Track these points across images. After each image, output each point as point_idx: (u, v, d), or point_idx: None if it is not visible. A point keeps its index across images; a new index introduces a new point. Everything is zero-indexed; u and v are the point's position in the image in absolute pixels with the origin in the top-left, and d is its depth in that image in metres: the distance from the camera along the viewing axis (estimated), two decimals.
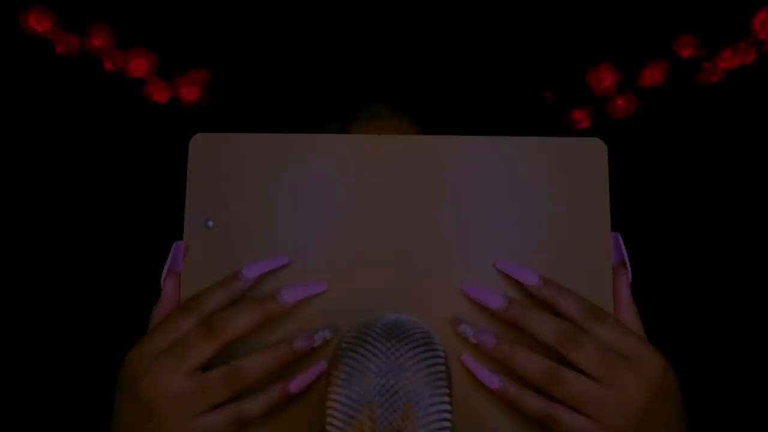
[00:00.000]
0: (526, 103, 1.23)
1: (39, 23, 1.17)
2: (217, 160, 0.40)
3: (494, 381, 0.37)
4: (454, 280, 0.39)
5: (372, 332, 0.34)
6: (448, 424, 0.32)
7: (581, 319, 0.36)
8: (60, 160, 1.18)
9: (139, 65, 1.20)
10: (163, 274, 0.39)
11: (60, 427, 1.09)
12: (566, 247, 0.40)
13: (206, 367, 0.36)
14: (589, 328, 0.36)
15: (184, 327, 0.36)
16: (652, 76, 1.22)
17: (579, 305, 0.37)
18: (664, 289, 1.12)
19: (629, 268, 0.39)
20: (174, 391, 0.35)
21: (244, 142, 0.41)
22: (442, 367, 0.34)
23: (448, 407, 0.32)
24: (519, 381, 0.37)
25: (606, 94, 1.23)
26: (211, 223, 0.40)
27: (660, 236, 1.18)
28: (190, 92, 1.21)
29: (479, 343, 0.37)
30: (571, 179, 0.40)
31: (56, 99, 1.18)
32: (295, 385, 0.37)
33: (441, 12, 1.20)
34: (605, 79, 1.22)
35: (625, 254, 0.39)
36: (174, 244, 0.40)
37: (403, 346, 0.33)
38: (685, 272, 1.19)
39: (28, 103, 1.17)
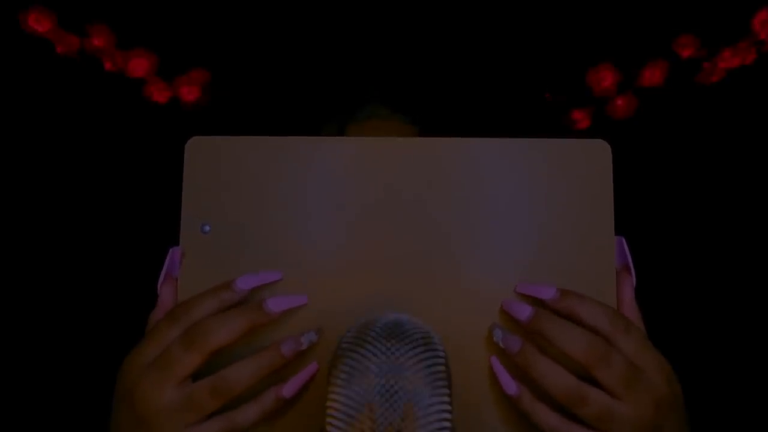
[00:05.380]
0: (526, 103, 1.23)
1: (39, 23, 1.17)
2: (213, 163, 0.40)
3: (512, 387, 0.37)
4: (454, 280, 0.39)
5: (372, 332, 0.34)
6: (448, 424, 0.32)
7: (609, 331, 0.35)
8: (60, 160, 1.18)
9: (139, 65, 1.20)
10: (160, 280, 0.39)
11: (60, 429, 1.09)
12: (570, 250, 0.39)
13: (199, 374, 0.35)
14: (617, 341, 0.35)
15: (169, 337, 0.35)
16: (652, 76, 1.22)
17: (605, 315, 0.36)
18: (664, 289, 1.11)
19: (633, 273, 0.39)
20: (164, 404, 0.34)
21: (242, 145, 0.40)
22: (442, 367, 0.33)
23: (448, 407, 0.32)
24: (536, 391, 0.36)
25: (606, 94, 1.23)
26: (207, 228, 0.39)
27: (659, 236, 1.18)
28: (190, 92, 1.21)
29: (504, 346, 0.37)
30: (574, 181, 0.40)
31: (56, 99, 1.18)
32: (288, 389, 0.37)
33: (440, 12, 1.20)
34: (605, 79, 1.22)
35: (629, 258, 0.39)
36: (170, 249, 0.39)
37: (403, 346, 0.33)
38: (685, 272, 1.18)
39: (28, 103, 1.17)
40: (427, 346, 0.34)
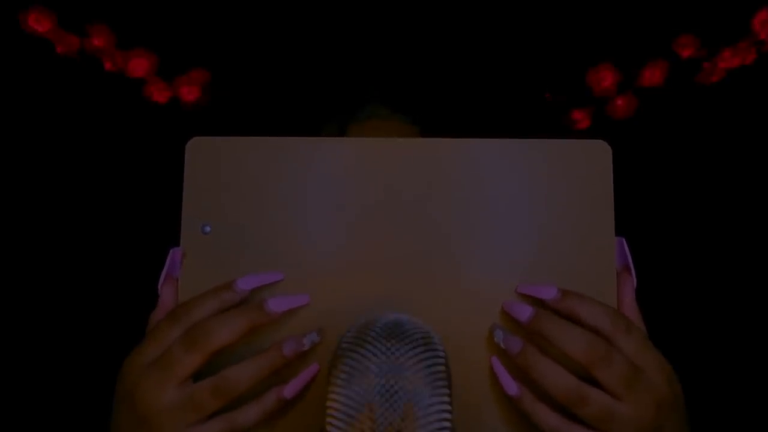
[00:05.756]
0: (526, 103, 1.23)
1: (39, 23, 1.17)
2: (214, 164, 0.40)
3: (513, 387, 0.37)
4: (455, 281, 0.39)
5: (372, 332, 0.34)
6: (448, 424, 0.32)
7: (610, 331, 0.36)
8: (60, 160, 1.18)
9: (139, 65, 1.20)
10: (161, 280, 0.39)
11: (60, 429, 1.09)
12: (570, 251, 0.39)
13: (199, 375, 0.36)
14: (617, 341, 0.35)
15: (170, 338, 0.35)
16: (652, 76, 1.22)
17: (606, 315, 0.36)
18: (665, 290, 1.11)
19: (634, 274, 0.39)
20: (165, 404, 0.34)
21: (242, 146, 0.40)
22: (442, 367, 0.34)
23: (448, 407, 0.32)
24: (537, 391, 0.36)
25: (606, 94, 1.23)
26: (208, 229, 0.40)
27: (660, 236, 1.18)
28: (190, 92, 1.21)
29: (505, 347, 0.37)
30: (575, 181, 0.40)
31: (56, 99, 1.18)
32: (289, 390, 0.37)
33: (440, 12, 1.20)
34: (605, 79, 1.22)
35: (630, 259, 0.39)
36: (171, 250, 0.39)
37: (403, 346, 0.33)
38: (685, 273, 1.18)
39: (28, 103, 1.17)
40: (427, 346, 0.34)
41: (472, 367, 0.39)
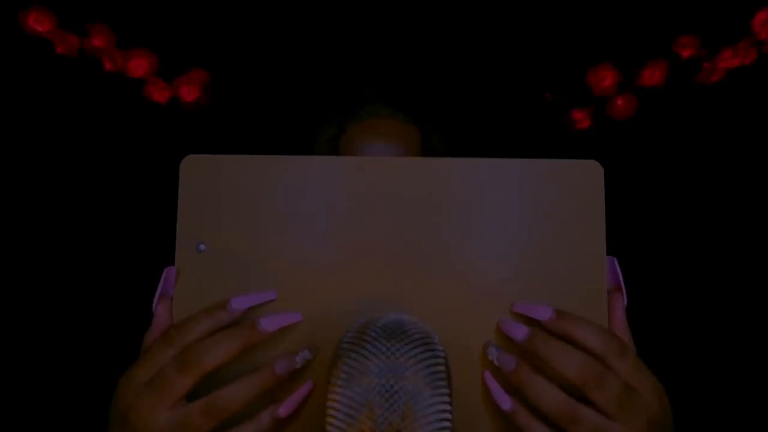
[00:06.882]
0: (526, 103, 1.23)
1: (39, 23, 1.17)
2: (208, 182, 0.40)
3: (506, 402, 0.37)
4: (449, 301, 0.39)
5: (372, 332, 0.34)
6: (447, 423, 0.32)
7: (603, 352, 0.36)
8: (60, 160, 1.18)
9: (139, 65, 1.20)
10: (155, 299, 0.39)
11: None
12: (562, 270, 0.39)
13: (194, 394, 0.35)
14: (611, 362, 0.36)
15: (163, 359, 0.35)
16: (652, 76, 1.22)
17: (600, 337, 0.36)
18: (664, 290, 1.11)
19: (624, 293, 0.39)
20: (159, 425, 0.35)
21: (237, 164, 0.40)
22: (442, 367, 0.33)
23: (448, 407, 0.32)
24: (531, 408, 0.36)
25: (606, 94, 1.23)
26: (202, 247, 0.39)
27: (659, 236, 1.18)
28: (190, 92, 1.21)
29: (499, 364, 0.37)
30: (567, 201, 0.40)
31: (56, 99, 1.18)
32: (284, 409, 0.37)
33: (441, 13, 1.20)
34: (605, 79, 1.22)
35: (621, 278, 0.39)
36: (165, 269, 0.39)
37: (403, 346, 0.33)
38: (684, 274, 1.18)
39: (28, 103, 1.17)
40: (427, 346, 0.34)
41: (470, 375, 0.38)
